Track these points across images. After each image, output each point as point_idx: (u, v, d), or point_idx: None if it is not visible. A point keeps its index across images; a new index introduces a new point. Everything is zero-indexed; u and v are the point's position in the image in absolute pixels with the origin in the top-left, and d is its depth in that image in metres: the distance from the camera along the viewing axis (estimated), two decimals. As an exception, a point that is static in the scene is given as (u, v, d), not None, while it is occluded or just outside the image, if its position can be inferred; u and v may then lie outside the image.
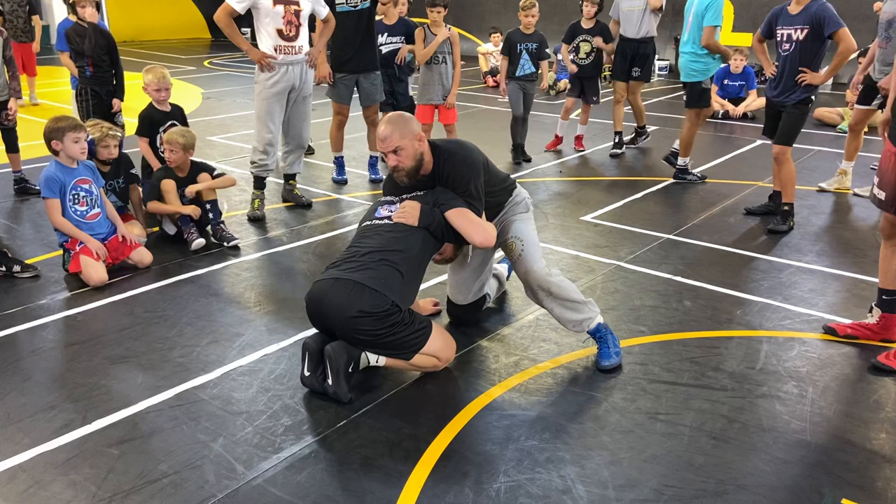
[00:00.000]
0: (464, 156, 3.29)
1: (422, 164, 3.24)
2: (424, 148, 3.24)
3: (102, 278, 4.07)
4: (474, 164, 3.29)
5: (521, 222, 3.46)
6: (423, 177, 3.29)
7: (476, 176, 3.27)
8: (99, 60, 5.59)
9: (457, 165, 3.26)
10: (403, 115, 3.29)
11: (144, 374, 3.17)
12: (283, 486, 2.47)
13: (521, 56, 6.78)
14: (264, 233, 5.03)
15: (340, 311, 2.92)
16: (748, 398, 3.01)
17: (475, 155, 3.33)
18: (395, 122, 3.20)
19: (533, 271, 3.29)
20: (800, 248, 4.75)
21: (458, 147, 3.35)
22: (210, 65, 14.84)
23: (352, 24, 5.64)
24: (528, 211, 3.55)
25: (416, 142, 3.19)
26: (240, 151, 7.27)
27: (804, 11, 4.75)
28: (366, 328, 2.92)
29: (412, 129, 3.19)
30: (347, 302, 2.91)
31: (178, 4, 20.57)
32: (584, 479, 2.51)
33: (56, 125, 4.15)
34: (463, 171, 3.25)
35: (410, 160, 3.20)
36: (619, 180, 6.48)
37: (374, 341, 2.97)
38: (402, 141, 3.16)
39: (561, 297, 3.27)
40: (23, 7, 9.10)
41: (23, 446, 2.66)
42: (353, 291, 2.93)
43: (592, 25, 7.13)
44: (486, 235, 3.19)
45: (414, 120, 3.28)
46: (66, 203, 4.18)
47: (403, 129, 3.17)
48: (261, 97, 5.13)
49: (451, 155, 3.28)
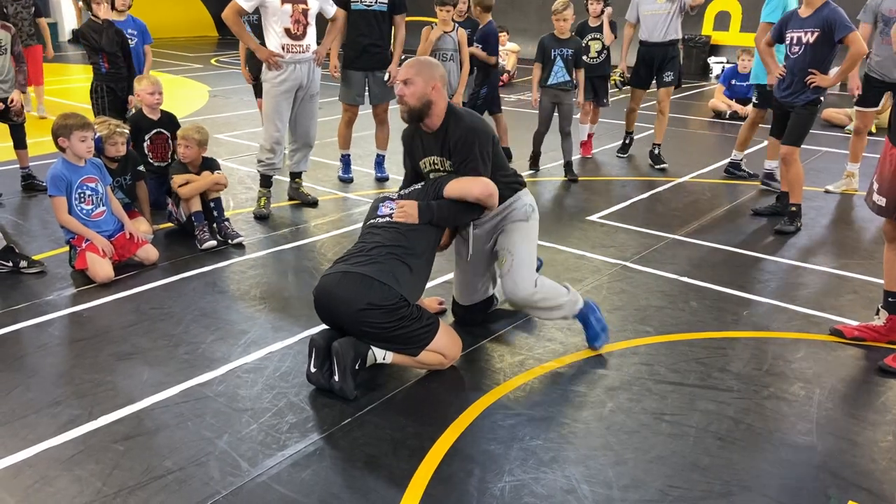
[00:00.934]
0: (472, 121, 3.26)
1: (426, 112, 3.21)
2: (436, 98, 3.20)
3: (108, 275, 4.08)
4: (483, 131, 3.25)
5: (517, 233, 3.39)
6: (429, 133, 3.29)
7: (483, 142, 3.23)
8: (114, 57, 5.61)
9: (465, 128, 3.22)
10: (431, 61, 3.29)
11: (150, 371, 3.17)
12: (287, 483, 2.47)
13: (554, 63, 6.29)
14: (270, 231, 5.04)
15: (349, 304, 2.92)
16: (754, 399, 3.00)
17: (485, 125, 3.30)
18: (422, 61, 3.25)
19: (518, 293, 3.28)
20: (807, 249, 4.73)
21: (469, 114, 3.31)
22: (217, 63, 14.87)
23: (364, 22, 5.67)
24: (527, 220, 3.43)
25: (429, 86, 3.17)
26: (246, 149, 7.28)
27: (815, 15, 4.73)
28: (374, 321, 2.92)
29: (432, 74, 3.18)
30: (356, 295, 2.92)
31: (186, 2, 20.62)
32: (589, 479, 2.50)
33: (64, 122, 4.16)
34: (468, 135, 3.20)
35: (415, 99, 3.18)
36: (626, 180, 6.46)
37: (382, 335, 2.97)
38: (416, 77, 3.16)
39: (545, 308, 3.32)
40: (27, 9, 8.26)
41: (28, 442, 2.67)
42: (362, 284, 2.93)
43: (600, 23, 6.97)
44: (483, 186, 3.17)
45: (440, 69, 3.26)
46: (72, 201, 4.19)
47: (423, 69, 3.19)
48: (268, 96, 5.14)
49: (459, 118, 3.25)
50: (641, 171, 6.77)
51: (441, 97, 3.23)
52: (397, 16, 5.80)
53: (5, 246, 4.21)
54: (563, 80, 6.30)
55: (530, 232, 3.42)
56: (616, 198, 5.86)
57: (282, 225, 5.16)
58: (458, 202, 3.18)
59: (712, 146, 7.98)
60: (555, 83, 6.32)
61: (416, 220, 3.14)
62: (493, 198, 3.20)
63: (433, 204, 3.18)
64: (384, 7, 5.68)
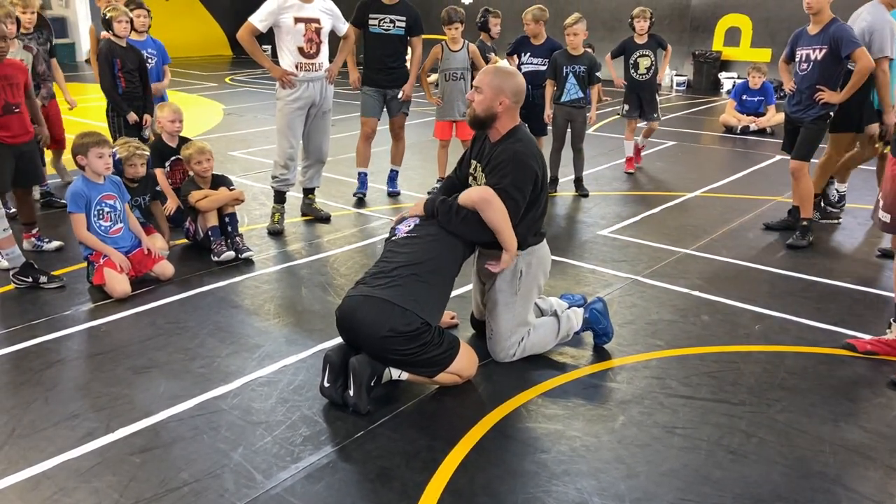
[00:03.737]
0: (523, 149, 3.18)
1: (488, 124, 3.24)
2: (500, 113, 3.20)
3: (126, 290, 4.14)
4: (527, 164, 3.17)
5: (500, 305, 3.34)
6: (490, 142, 3.30)
7: (520, 176, 3.14)
8: (130, 77, 5.70)
9: (511, 152, 3.17)
10: (509, 73, 3.26)
11: (166, 384, 3.21)
12: (301, 495, 2.49)
13: (566, 80, 6.26)
14: (283, 246, 5.09)
15: (372, 331, 2.95)
16: (766, 413, 3.00)
17: (532, 161, 3.19)
18: (501, 71, 3.25)
19: (498, 359, 3.41)
20: (819, 263, 4.73)
21: (528, 144, 3.24)
22: (231, 81, 15.04)
23: (379, 44, 5.83)
24: (515, 293, 3.33)
25: (496, 100, 3.18)
26: (260, 166, 7.36)
27: (823, 32, 4.76)
28: (397, 348, 2.95)
29: (502, 87, 3.18)
30: (378, 321, 2.94)
31: (200, 21, 20.92)
32: (601, 492, 2.51)
33: (81, 141, 4.26)
34: (509, 161, 3.15)
35: (481, 108, 3.20)
36: (637, 195, 6.48)
37: (405, 360, 3.00)
38: (487, 87, 3.18)
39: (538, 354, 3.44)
40: (42, 46, 6.03)
41: (47, 454, 2.71)
42: (384, 310, 2.95)
43: (648, 40, 6.98)
44: (481, 191, 3.14)
45: (514, 82, 3.22)
46: (90, 218, 4.27)
47: (496, 80, 3.19)
48: (282, 113, 5.22)
49: (516, 141, 3.22)
50: (652, 186, 6.78)
51: (508, 114, 3.23)
52: (414, 38, 5.92)
53: (25, 262, 4.28)
54: (576, 97, 6.29)
55: (515, 299, 3.34)
56: (627, 212, 5.87)
57: (295, 240, 5.21)
58: (462, 209, 3.17)
59: (724, 161, 7.99)
60: (567, 100, 6.32)
61: (422, 211, 3.24)
62: (489, 204, 3.09)
63: (438, 198, 3.24)
64: (401, 31, 5.82)
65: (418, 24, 5.89)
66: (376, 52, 5.85)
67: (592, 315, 3.53)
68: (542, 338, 3.43)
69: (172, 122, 5.23)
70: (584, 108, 6.35)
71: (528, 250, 3.34)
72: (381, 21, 5.74)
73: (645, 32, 6.97)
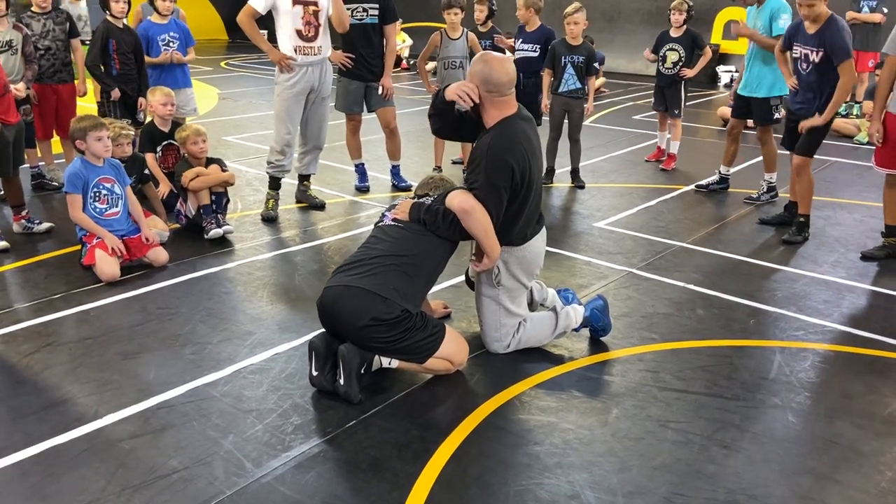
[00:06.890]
0: (494, 146, 3.06)
1: (478, 112, 3.18)
2: (485, 102, 3.12)
3: (114, 273, 4.10)
4: (497, 159, 3.04)
5: (485, 301, 3.33)
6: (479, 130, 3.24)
7: (492, 171, 3.04)
8: (125, 59, 5.62)
9: (484, 145, 3.10)
10: (487, 61, 3.11)
11: (156, 370, 3.18)
12: (291, 484, 2.47)
13: (564, 70, 6.14)
14: (277, 233, 5.05)
15: (352, 321, 2.93)
16: (760, 408, 2.99)
17: (506, 154, 3.05)
18: (478, 59, 3.14)
19: (491, 351, 3.39)
20: (815, 258, 4.72)
21: (498, 140, 3.08)
22: (227, 66, 14.93)
23: (357, 35, 5.58)
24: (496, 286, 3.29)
25: (483, 91, 3.09)
26: (255, 152, 7.31)
27: (819, 34, 4.71)
28: (379, 336, 2.93)
29: (490, 79, 3.06)
30: (359, 310, 2.92)
31: (196, 5, 20.73)
32: (594, 485, 2.50)
33: (78, 125, 4.24)
34: (482, 159, 3.07)
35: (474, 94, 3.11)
36: (633, 187, 6.46)
37: (387, 347, 2.98)
38: (476, 79, 3.09)
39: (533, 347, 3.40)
40: (61, 26, 5.66)
41: (35, 439, 2.68)
42: (364, 299, 2.93)
43: (682, 34, 6.77)
44: (461, 199, 3.05)
45: (498, 76, 3.07)
46: (86, 199, 4.25)
47: (485, 73, 3.07)
48: (280, 98, 5.16)
49: (495, 135, 3.10)
50: (649, 179, 6.76)
51: (492, 105, 3.12)
52: (387, 26, 5.68)
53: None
54: (574, 87, 6.21)
55: (497, 292, 3.30)
56: (624, 204, 5.85)
57: (289, 227, 5.18)
58: (448, 212, 3.10)
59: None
60: (565, 91, 6.24)
61: (408, 216, 3.18)
62: (468, 214, 3.03)
63: (424, 203, 3.19)
64: (375, 19, 5.60)
65: (391, 12, 5.64)
66: (353, 44, 5.61)
67: (593, 315, 3.49)
68: (537, 331, 3.40)
69: (164, 105, 5.18)
70: (581, 99, 6.28)
71: (505, 248, 3.21)
72: (354, 11, 5.47)
73: (680, 25, 6.76)
